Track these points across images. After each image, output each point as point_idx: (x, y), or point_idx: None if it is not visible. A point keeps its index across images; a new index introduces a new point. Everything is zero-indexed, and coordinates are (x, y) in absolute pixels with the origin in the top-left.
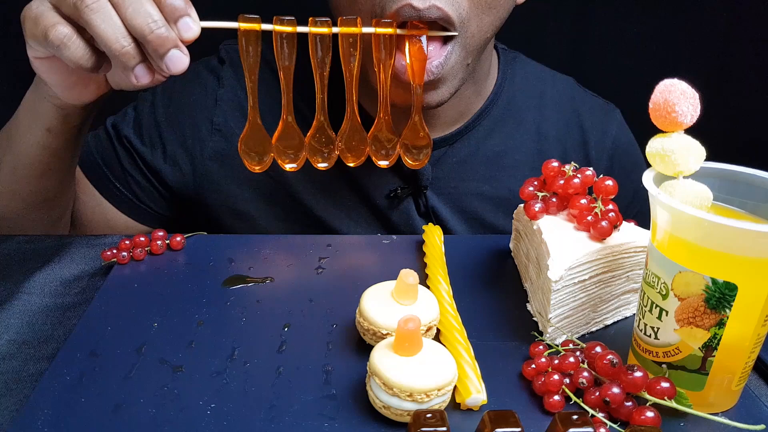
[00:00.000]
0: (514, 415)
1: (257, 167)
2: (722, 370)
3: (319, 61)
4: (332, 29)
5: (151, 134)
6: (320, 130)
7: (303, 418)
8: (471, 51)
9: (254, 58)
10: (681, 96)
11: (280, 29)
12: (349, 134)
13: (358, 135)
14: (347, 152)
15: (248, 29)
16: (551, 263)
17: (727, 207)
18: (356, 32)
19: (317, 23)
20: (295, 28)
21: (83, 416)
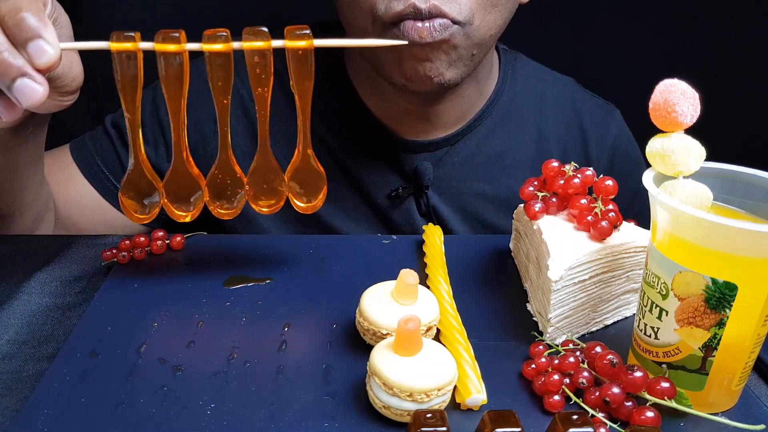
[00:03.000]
0: (514, 415)
1: (139, 215)
2: (722, 370)
3: (217, 86)
4: (230, 44)
5: (154, 133)
6: (224, 170)
7: (303, 418)
8: (476, 43)
9: (135, 81)
10: (681, 96)
11: (161, 48)
12: (260, 174)
13: (272, 174)
14: (260, 195)
15: (122, 50)
16: (551, 263)
17: (727, 207)
18: (264, 47)
19: (212, 38)
20: (181, 46)
21: (83, 416)
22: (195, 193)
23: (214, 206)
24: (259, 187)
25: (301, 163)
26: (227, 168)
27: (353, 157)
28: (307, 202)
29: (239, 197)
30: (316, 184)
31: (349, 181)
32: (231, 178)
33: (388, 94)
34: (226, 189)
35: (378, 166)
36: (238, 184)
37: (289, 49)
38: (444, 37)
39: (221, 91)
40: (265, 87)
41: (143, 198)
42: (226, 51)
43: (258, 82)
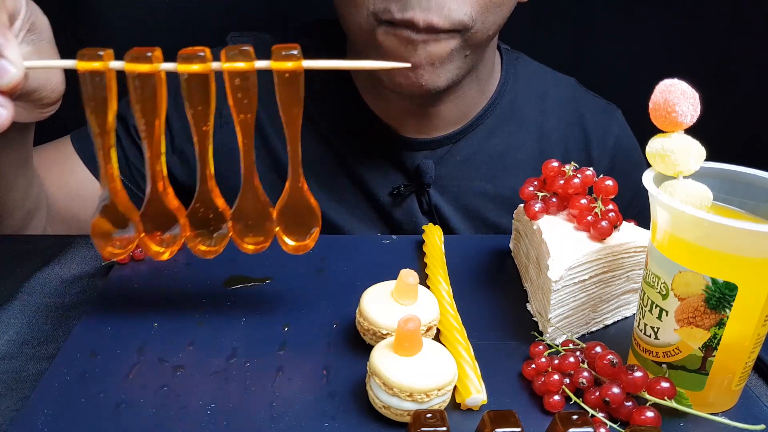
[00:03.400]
0: (514, 415)
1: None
2: (722, 370)
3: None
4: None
5: None
6: (205, 203)
7: (303, 418)
8: (471, 45)
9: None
10: (681, 96)
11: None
12: (245, 209)
13: (259, 210)
14: (246, 233)
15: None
16: (551, 263)
17: (727, 207)
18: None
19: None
20: (155, 67)
21: (83, 416)
22: (173, 227)
23: (194, 243)
24: (244, 224)
25: (291, 198)
26: (208, 201)
27: (355, 154)
28: (297, 241)
29: (222, 234)
30: (307, 222)
31: (352, 178)
32: (213, 212)
33: (389, 93)
34: (208, 224)
35: (380, 164)
36: (221, 219)
37: (275, 70)
38: (436, 50)
39: (201, 117)
40: (248, 113)
41: (117, 233)
42: (204, 72)
43: (240, 108)
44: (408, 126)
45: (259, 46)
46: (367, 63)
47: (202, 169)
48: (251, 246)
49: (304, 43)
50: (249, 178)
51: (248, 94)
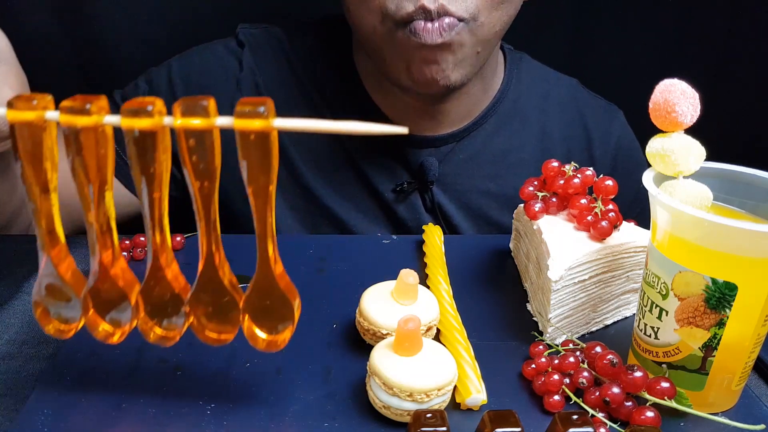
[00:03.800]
0: (514, 414)
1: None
2: (722, 370)
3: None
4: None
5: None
6: (158, 281)
7: (303, 418)
8: (480, 40)
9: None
10: (681, 96)
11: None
12: (205, 292)
13: (223, 295)
14: (206, 321)
15: (24, 121)
16: (551, 263)
17: (727, 207)
18: (203, 127)
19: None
20: (97, 119)
21: (83, 416)
22: (124, 306)
23: (149, 324)
24: (204, 310)
25: (261, 283)
26: (162, 279)
27: (360, 150)
28: (269, 334)
29: (179, 319)
30: (281, 312)
31: (357, 174)
32: (170, 292)
33: (394, 90)
34: (165, 306)
35: (384, 161)
36: (178, 301)
37: (239, 131)
38: (452, 37)
39: (151, 182)
40: (206, 180)
41: (60, 307)
42: (154, 129)
43: (197, 174)
44: (412, 123)
45: (269, 39)
46: (356, 126)
47: (153, 242)
48: (213, 335)
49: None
50: (210, 257)
51: (207, 158)
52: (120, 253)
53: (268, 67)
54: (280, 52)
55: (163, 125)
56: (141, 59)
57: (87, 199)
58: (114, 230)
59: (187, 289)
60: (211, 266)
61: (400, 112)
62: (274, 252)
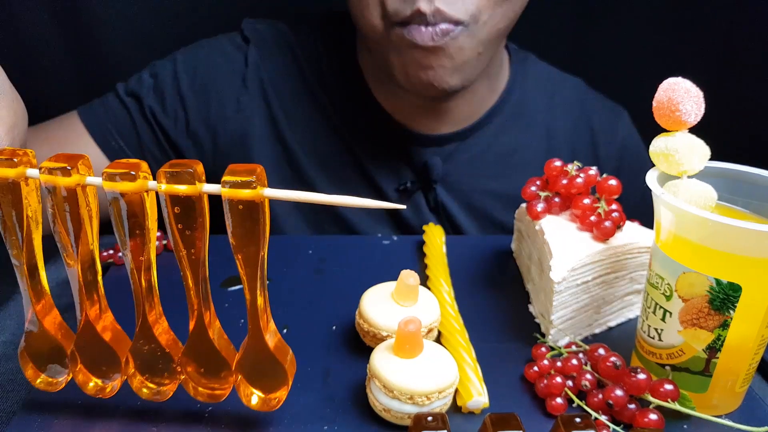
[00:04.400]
0: (516, 418)
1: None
2: (726, 372)
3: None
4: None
5: (175, 106)
6: (148, 339)
7: (302, 421)
8: (482, 41)
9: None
10: (685, 95)
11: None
12: (195, 352)
13: (212, 355)
14: (197, 380)
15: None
16: (554, 264)
17: (732, 207)
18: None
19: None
20: (79, 179)
21: (81, 417)
22: (113, 362)
23: (139, 380)
24: (195, 369)
25: (252, 350)
26: (151, 338)
27: (364, 149)
28: (264, 394)
29: (170, 377)
30: (274, 375)
31: (361, 172)
32: (160, 350)
33: (398, 90)
34: (156, 363)
35: (388, 160)
36: (168, 359)
37: (227, 200)
38: (446, 41)
39: (138, 246)
40: (193, 248)
41: (46, 364)
42: (138, 192)
43: (185, 241)
44: (417, 122)
45: (274, 34)
46: (351, 200)
47: (139, 295)
48: (206, 392)
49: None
50: (200, 318)
51: (194, 225)
52: (107, 306)
53: (273, 62)
54: (286, 47)
55: (147, 189)
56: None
57: (71, 255)
58: (100, 283)
59: (178, 345)
60: (202, 326)
61: (404, 110)
62: (266, 311)
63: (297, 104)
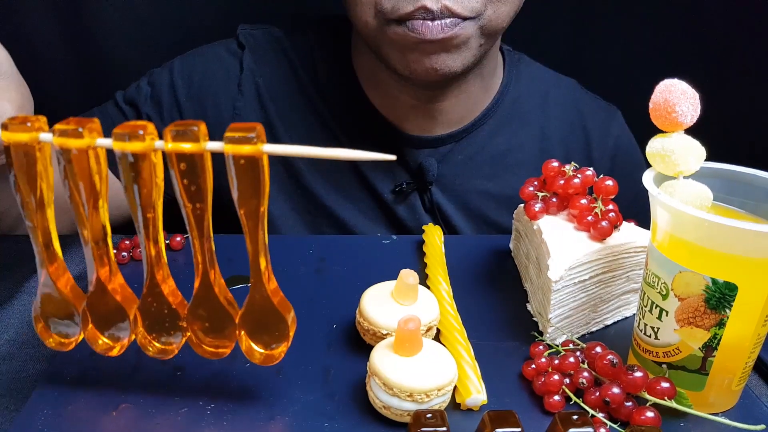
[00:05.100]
0: (514, 415)
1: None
2: (722, 370)
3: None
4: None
5: (172, 114)
6: (155, 297)
7: (303, 418)
8: (486, 33)
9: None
10: (681, 96)
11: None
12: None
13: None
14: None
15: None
16: (551, 263)
17: (728, 207)
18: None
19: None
20: (90, 142)
21: (83, 416)
22: (122, 320)
23: (147, 339)
24: (201, 325)
25: (255, 300)
26: (159, 295)
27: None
28: (265, 349)
29: (177, 334)
30: (276, 328)
31: (356, 174)
32: (167, 308)
33: (392, 90)
34: (163, 321)
35: (383, 161)
36: (175, 316)
37: (229, 156)
38: (455, 32)
39: (147, 202)
40: (198, 203)
41: (59, 322)
42: (146, 152)
43: (189, 196)
44: (411, 123)
45: (269, 40)
46: (346, 152)
47: (148, 256)
48: (210, 349)
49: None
50: (205, 275)
51: (198, 181)
52: (117, 269)
53: (268, 67)
54: (280, 52)
55: (154, 148)
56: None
57: (82, 217)
58: (110, 246)
59: (184, 304)
60: (207, 283)
61: (398, 112)
62: (267, 269)
63: (292, 108)
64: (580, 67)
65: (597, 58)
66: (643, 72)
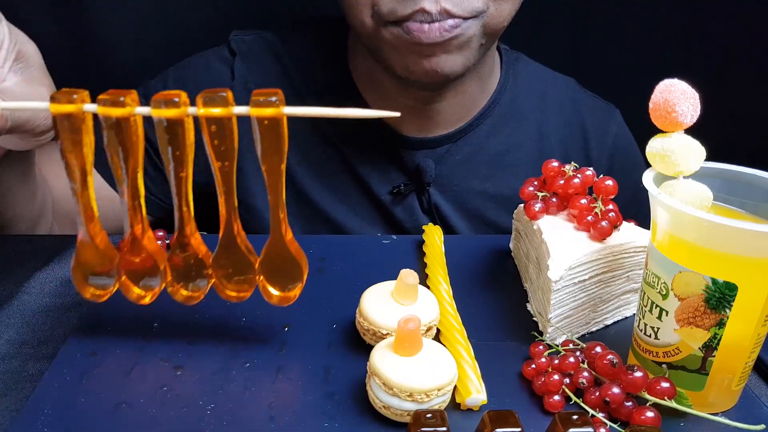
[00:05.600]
0: (514, 415)
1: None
2: (722, 370)
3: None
4: (185, 110)
5: None
6: (185, 247)
7: (303, 418)
8: (487, 32)
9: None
10: (681, 96)
11: (106, 113)
12: (226, 256)
13: (241, 258)
14: (227, 281)
15: (65, 113)
16: (551, 263)
17: (727, 207)
18: (223, 115)
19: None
20: (130, 110)
21: (83, 416)
22: (154, 272)
23: (175, 288)
24: (225, 271)
25: (274, 247)
26: (188, 247)
27: (356, 153)
28: (281, 291)
29: (203, 281)
30: (292, 273)
31: (353, 176)
32: (194, 258)
33: (389, 92)
34: (189, 270)
35: (381, 163)
36: (201, 265)
37: (254, 118)
38: (454, 34)
39: (179, 163)
40: (226, 161)
41: (95, 274)
42: (180, 117)
43: (218, 155)
44: (408, 125)
45: (261, 45)
46: (353, 111)
47: (180, 214)
48: (233, 294)
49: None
50: (229, 225)
51: (226, 141)
52: (149, 226)
53: (261, 73)
54: (273, 57)
55: (187, 114)
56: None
57: (121, 179)
58: (143, 206)
59: (209, 255)
60: (230, 233)
61: None
62: (285, 220)
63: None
64: (580, 66)
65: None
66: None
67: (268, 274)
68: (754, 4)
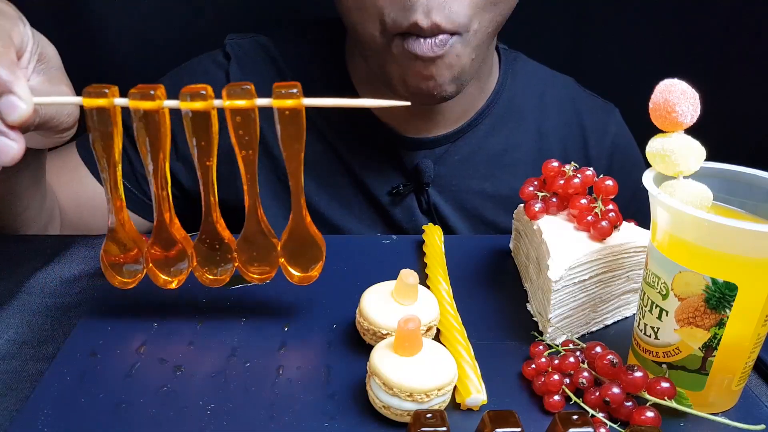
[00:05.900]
0: (514, 415)
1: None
2: (722, 370)
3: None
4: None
5: None
6: (211, 234)
7: (303, 418)
8: (475, 47)
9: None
10: (681, 96)
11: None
12: (250, 240)
13: (264, 241)
14: (251, 263)
15: (95, 107)
16: (551, 263)
17: (727, 207)
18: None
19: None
20: (159, 103)
21: (83, 416)
22: (181, 258)
23: (201, 272)
24: (249, 255)
25: (295, 230)
26: (214, 232)
27: (354, 154)
28: (302, 272)
29: (228, 265)
30: (311, 253)
31: (351, 178)
32: (219, 243)
33: (388, 94)
34: (215, 255)
35: (379, 164)
36: (226, 249)
37: (276, 108)
38: (444, 50)
39: (204, 152)
40: (249, 149)
41: (124, 263)
42: (206, 110)
43: (242, 145)
44: (407, 125)
45: (257, 49)
46: (367, 101)
47: (206, 201)
48: (256, 276)
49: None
50: (253, 210)
51: (249, 131)
52: (175, 215)
53: (256, 76)
54: (269, 60)
55: (213, 106)
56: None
57: (148, 168)
58: (170, 193)
59: (233, 240)
60: (254, 218)
61: (393, 114)
62: (304, 205)
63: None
64: (580, 66)
65: (597, 58)
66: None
67: (289, 256)
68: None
